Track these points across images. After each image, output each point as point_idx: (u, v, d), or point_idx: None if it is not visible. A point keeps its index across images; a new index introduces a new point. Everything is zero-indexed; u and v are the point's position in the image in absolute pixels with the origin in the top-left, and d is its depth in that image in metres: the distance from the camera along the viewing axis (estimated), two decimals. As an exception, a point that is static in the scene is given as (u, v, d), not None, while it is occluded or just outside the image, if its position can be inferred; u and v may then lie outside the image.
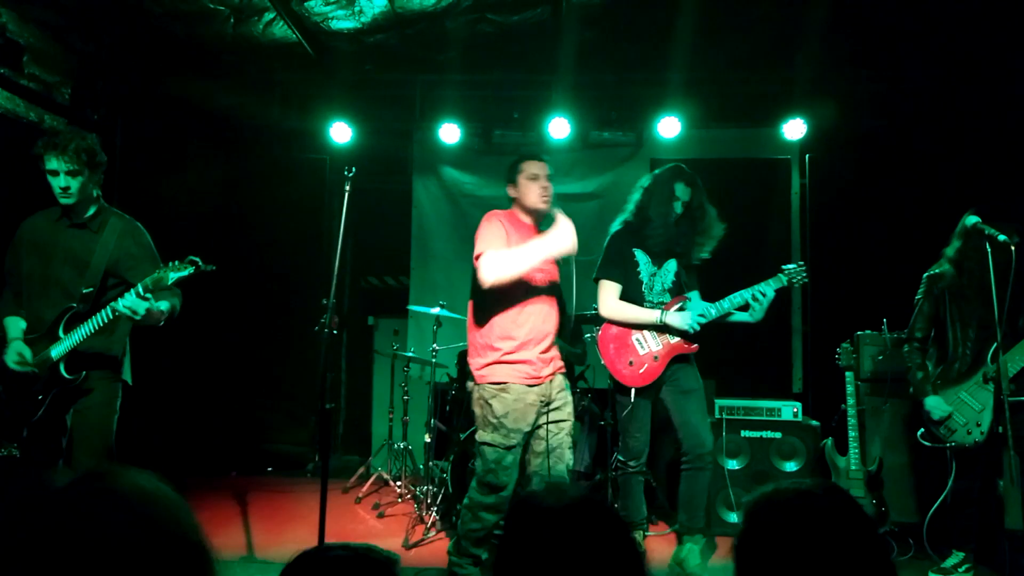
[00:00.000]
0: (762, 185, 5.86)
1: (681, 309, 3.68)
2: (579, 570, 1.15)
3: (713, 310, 3.64)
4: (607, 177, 5.96)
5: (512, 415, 3.15)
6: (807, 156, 5.80)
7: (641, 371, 3.66)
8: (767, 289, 3.58)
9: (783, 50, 5.07)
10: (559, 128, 5.33)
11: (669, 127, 5.32)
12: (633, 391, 3.65)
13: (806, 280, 3.65)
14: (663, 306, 3.69)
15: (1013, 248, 3.14)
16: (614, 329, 3.73)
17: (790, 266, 3.68)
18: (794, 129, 5.29)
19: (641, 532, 4.04)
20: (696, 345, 3.70)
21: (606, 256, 3.77)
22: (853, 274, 3.61)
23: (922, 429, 3.69)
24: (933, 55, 4.85)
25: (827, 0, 4.30)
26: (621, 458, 3.84)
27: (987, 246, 3.20)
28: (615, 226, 3.83)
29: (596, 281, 3.77)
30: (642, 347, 3.68)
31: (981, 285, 3.30)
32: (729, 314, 3.67)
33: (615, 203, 6.00)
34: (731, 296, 3.64)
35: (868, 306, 4.67)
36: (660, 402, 3.76)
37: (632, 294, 3.71)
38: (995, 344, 3.29)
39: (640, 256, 3.73)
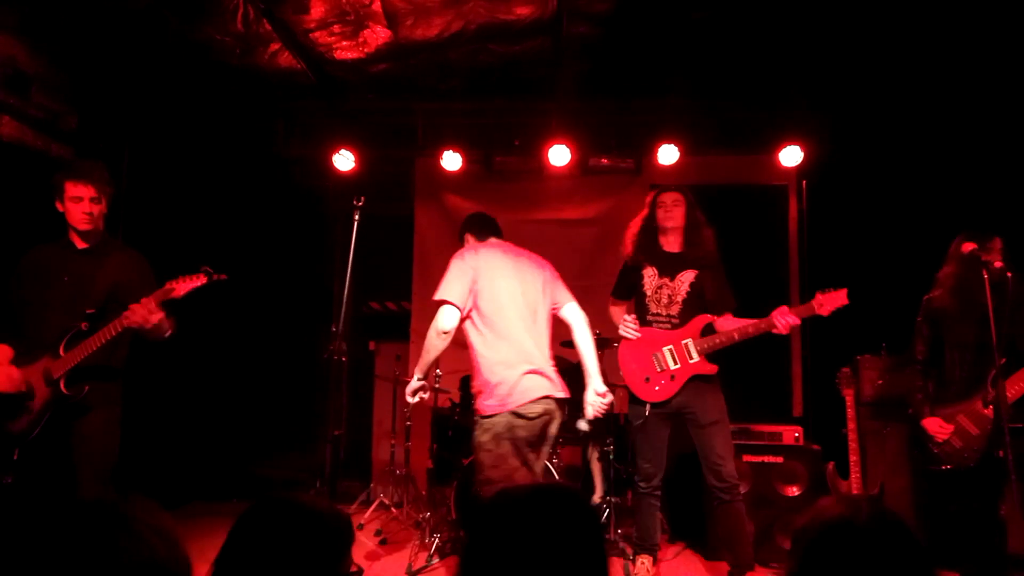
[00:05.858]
0: (760, 211, 5.92)
1: (708, 331, 3.69)
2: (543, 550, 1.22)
3: (736, 335, 3.59)
4: (606, 203, 6.02)
5: None
6: (804, 182, 5.87)
7: (656, 388, 3.69)
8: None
9: (780, 77, 5.15)
10: (559, 154, 5.37)
11: (668, 154, 5.37)
12: (648, 406, 3.68)
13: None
14: (685, 330, 3.69)
15: (1009, 275, 3.19)
16: (634, 342, 3.77)
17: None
18: (791, 156, 5.35)
19: (651, 558, 3.88)
20: (715, 366, 3.68)
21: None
22: (852, 298, 3.62)
23: (919, 450, 3.72)
24: (930, 80, 4.92)
25: (822, 27, 4.40)
26: (636, 477, 3.85)
27: (984, 272, 3.25)
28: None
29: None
30: (659, 365, 3.70)
31: (978, 309, 3.34)
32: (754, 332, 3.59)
33: (614, 229, 6.07)
34: (756, 322, 3.59)
35: (867, 330, 4.70)
36: (685, 432, 3.77)
37: (637, 306, 3.84)
38: (994, 369, 3.32)
39: (647, 270, 3.82)
